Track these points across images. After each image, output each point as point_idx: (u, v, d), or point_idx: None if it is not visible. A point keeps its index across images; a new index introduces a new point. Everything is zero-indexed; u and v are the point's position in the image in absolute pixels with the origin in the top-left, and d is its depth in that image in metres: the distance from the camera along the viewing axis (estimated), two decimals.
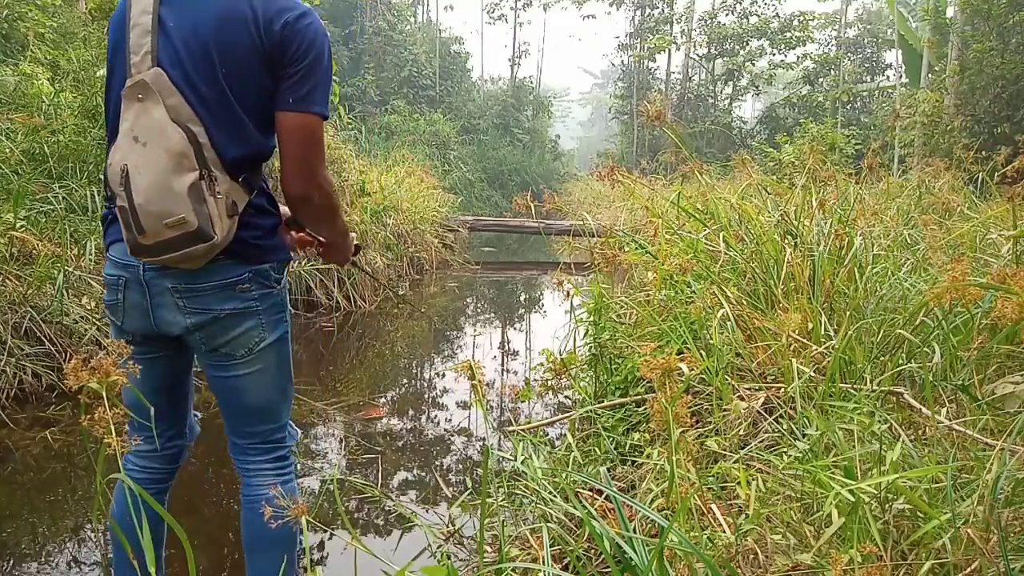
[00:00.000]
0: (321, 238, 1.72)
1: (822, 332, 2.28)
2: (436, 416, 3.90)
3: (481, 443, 3.45)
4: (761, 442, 1.92)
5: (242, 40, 1.41)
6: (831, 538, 1.37)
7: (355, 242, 1.82)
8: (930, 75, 11.25)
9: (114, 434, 0.96)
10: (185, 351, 1.65)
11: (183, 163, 1.37)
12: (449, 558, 2.03)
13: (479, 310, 7.28)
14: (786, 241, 2.81)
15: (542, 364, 2.85)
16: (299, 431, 1.82)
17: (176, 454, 1.74)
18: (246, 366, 1.59)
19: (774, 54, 20.37)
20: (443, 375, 4.67)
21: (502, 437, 3.39)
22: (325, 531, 2.52)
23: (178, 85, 1.40)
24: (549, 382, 2.88)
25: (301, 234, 1.72)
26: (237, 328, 1.54)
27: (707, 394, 2.27)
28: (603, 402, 2.68)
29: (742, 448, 1.89)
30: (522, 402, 3.79)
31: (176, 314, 1.51)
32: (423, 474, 3.11)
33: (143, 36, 1.41)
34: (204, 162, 1.39)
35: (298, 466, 3.04)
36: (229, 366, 1.59)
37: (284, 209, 1.66)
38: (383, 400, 4.10)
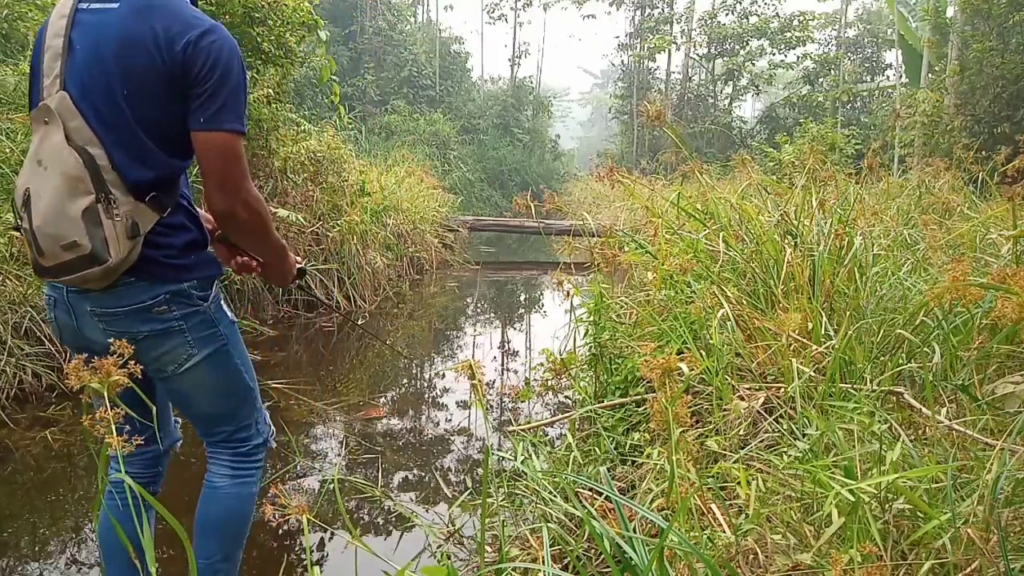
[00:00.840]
0: (257, 258, 1.70)
1: (822, 332, 2.28)
2: (436, 416, 3.89)
3: (481, 443, 3.45)
4: (761, 442, 1.92)
5: (142, 61, 1.40)
6: (831, 538, 1.37)
7: (297, 265, 1.78)
8: (930, 75, 11.24)
9: (115, 434, 0.96)
10: None
11: (78, 187, 1.37)
12: (449, 558, 2.03)
13: (479, 310, 7.27)
14: (786, 241, 2.81)
15: (542, 364, 2.85)
16: (272, 428, 1.81)
17: (153, 458, 1.75)
18: (182, 381, 1.59)
19: (774, 54, 20.35)
20: (443, 375, 4.67)
21: (502, 437, 3.39)
22: (325, 530, 2.53)
23: (80, 108, 1.40)
24: (549, 382, 2.88)
25: (245, 259, 1.72)
26: (160, 348, 1.53)
27: (707, 394, 2.27)
28: (603, 402, 2.68)
29: (742, 448, 1.89)
30: (522, 402, 3.79)
31: (99, 335, 1.51)
32: (423, 474, 3.11)
33: (54, 60, 1.42)
34: (102, 185, 1.38)
35: (298, 466, 3.04)
36: (164, 380, 1.60)
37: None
38: (383, 400, 4.10)
